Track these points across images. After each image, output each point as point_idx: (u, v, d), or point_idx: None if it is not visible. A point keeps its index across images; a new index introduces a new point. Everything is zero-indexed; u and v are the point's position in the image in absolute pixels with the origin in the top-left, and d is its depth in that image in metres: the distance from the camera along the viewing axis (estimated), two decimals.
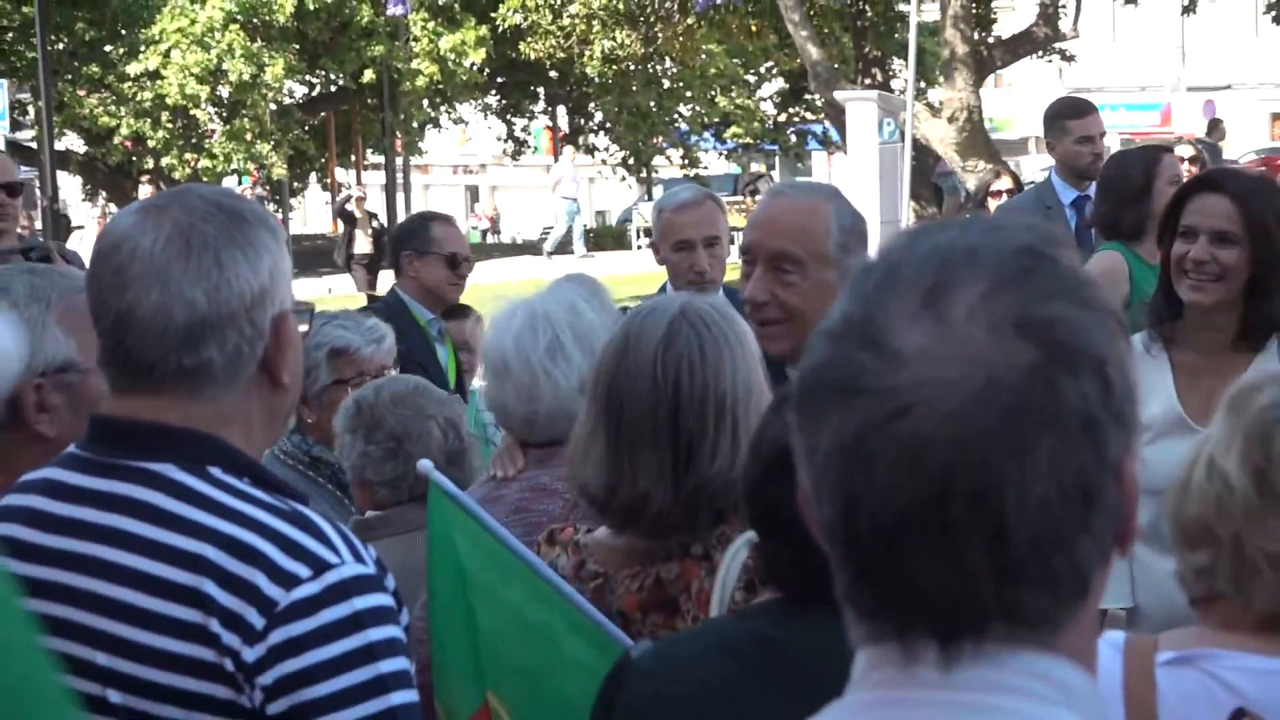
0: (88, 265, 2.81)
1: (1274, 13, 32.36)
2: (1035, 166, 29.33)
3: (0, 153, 8.16)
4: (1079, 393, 1.47)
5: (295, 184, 49.11)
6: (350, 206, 29.22)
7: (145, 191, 29.43)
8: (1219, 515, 2.41)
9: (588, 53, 31.32)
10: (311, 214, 65.09)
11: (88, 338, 3.09)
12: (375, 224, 29.44)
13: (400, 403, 4.49)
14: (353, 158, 50.52)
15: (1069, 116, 9.14)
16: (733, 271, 6.35)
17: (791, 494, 2.95)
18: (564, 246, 41.26)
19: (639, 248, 41.00)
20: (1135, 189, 7.09)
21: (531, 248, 43.48)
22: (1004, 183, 12.18)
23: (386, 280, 27.94)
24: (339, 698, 2.48)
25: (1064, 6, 30.22)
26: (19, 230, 9.04)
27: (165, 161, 38.91)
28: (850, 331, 1.53)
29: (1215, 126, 33.18)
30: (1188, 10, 34.46)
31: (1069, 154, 9.04)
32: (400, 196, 46.35)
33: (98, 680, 2.53)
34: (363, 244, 27.99)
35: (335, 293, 29.60)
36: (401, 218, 43.86)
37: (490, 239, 57.85)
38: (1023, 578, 1.48)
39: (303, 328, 3.07)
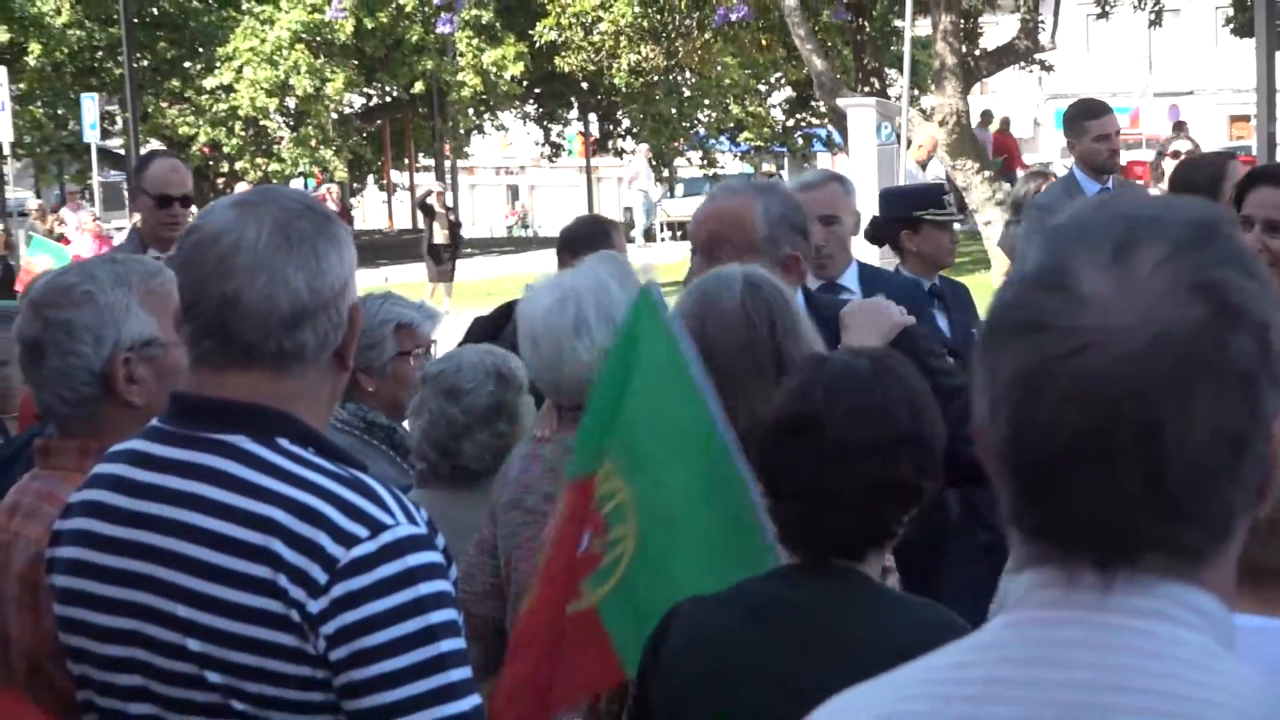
0: (179, 255, 2.74)
1: (1231, 25, 32.12)
2: (921, 172, 29.05)
3: (180, 162, 7.88)
4: (1240, 350, 1.45)
5: (355, 185, 48.96)
6: (431, 200, 28.94)
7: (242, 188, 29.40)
8: None
9: (615, 65, 31.03)
10: (370, 212, 64.62)
11: (166, 317, 3.09)
12: (452, 217, 29.15)
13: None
14: (406, 161, 50.26)
15: (1087, 118, 9.02)
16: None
17: (801, 456, 2.99)
18: (649, 235, 41.08)
19: (663, 240, 40.81)
20: (1201, 193, 6.85)
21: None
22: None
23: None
24: (393, 645, 2.45)
25: (1042, 21, 29.93)
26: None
27: (239, 166, 38.71)
28: (1042, 276, 1.52)
29: (1179, 128, 32.77)
30: (1154, 24, 34.08)
31: (1088, 151, 8.94)
32: (449, 195, 46.22)
33: (178, 630, 2.52)
34: (439, 235, 27.75)
35: (391, 281, 29.48)
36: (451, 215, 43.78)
37: (517, 232, 57.57)
38: (1177, 513, 1.47)
39: None
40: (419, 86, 41.11)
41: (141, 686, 2.62)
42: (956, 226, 8.09)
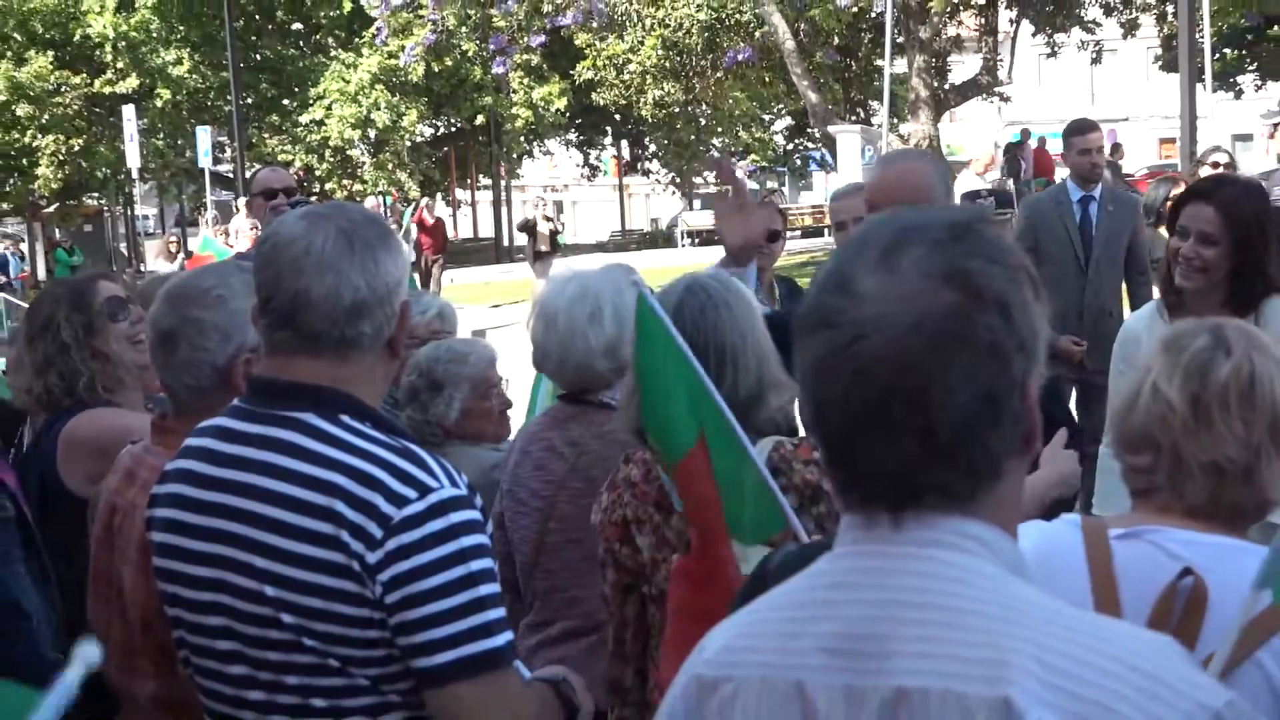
0: (257, 258, 2.72)
1: (1160, 63, 32.00)
2: (980, 182, 29.01)
3: (280, 167, 8.02)
4: (987, 326, 1.51)
5: (427, 202, 49.21)
6: (534, 217, 28.90)
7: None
8: (1161, 429, 2.37)
9: (643, 100, 30.99)
10: None
11: None
12: (554, 227, 29.07)
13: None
14: (468, 181, 50.43)
15: (1073, 134, 8.97)
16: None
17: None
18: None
19: (683, 246, 40.87)
20: None
21: (600, 246, 43.30)
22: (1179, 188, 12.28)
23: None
24: (440, 590, 2.45)
25: (1001, 60, 29.92)
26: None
27: (328, 187, 38.94)
28: (829, 281, 1.59)
29: (1116, 149, 32.69)
30: (1095, 61, 34.03)
31: (1075, 163, 8.87)
32: (504, 210, 46.31)
33: (257, 579, 2.53)
34: (543, 244, 27.69)
35: (455, 283, 29.55)
36: (505, 226, 43.78)
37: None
38: (947, 462, 1.53)
39: None
40: (479, 119, 41.33)
41: (226, 626, 2.62)
42: None
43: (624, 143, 50.29)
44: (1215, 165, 10.16)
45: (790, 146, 44.48)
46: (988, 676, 1.47)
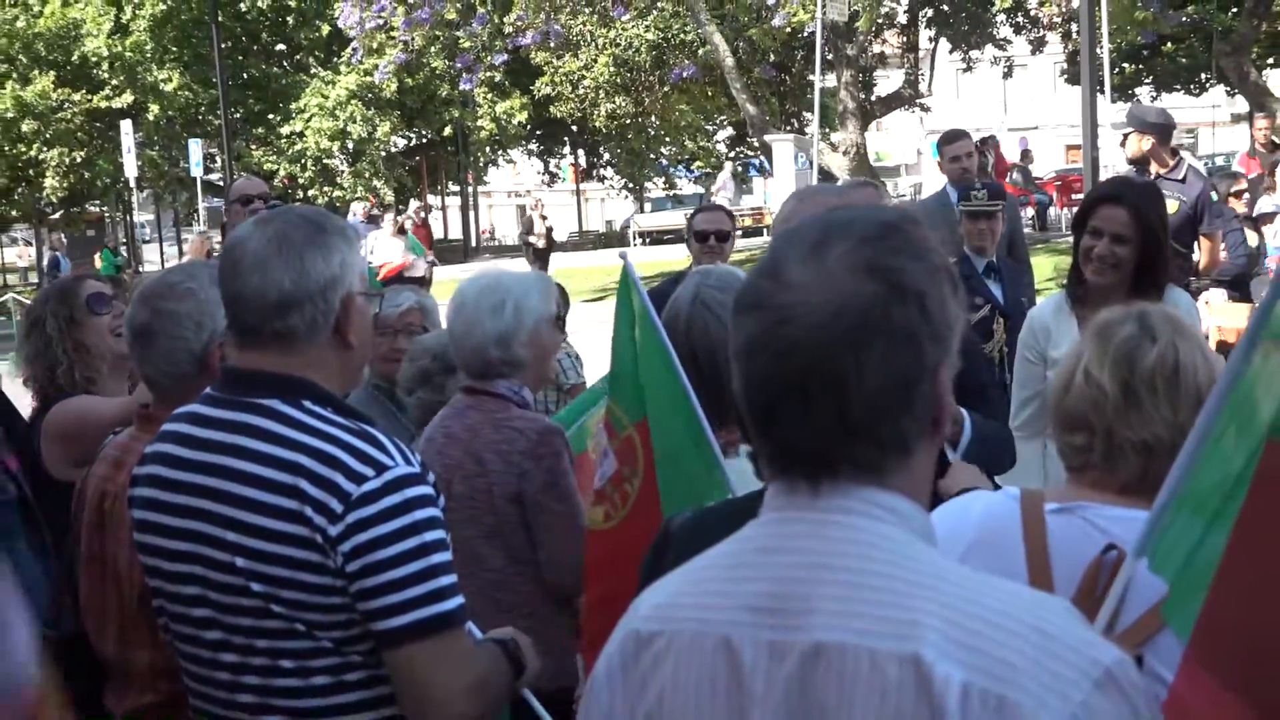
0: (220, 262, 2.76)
1: (1065, 76, 32.20)
2: (905, 184, 29.12)
3: (254, 175, 8.08)
4: (904, 316, 1.51)
5: (400, 206, 49.02)
6: (533, 214, 28.86)
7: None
8: (1095, 411, 2.35)
9: (596, 113, 31.03)
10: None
11: None
12: (547, 225, 29.05)
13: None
14: (439, 187, 50.31)
15: (945, 144, 9.02)
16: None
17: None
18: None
19: (636, 245, 40.92)
20: None
21: (559, 246, 43.31)
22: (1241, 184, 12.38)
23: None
24: (395, 559, 2.45)
25: (922, 74, 30.10)
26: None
27: (310, 194, 38.77)
28: (763, 268, 1.59)
29: (1025, 155, 33.00)
30: (1006, 75, 34.22)
31: (949, 170, 8.92)
32: (471, 214, 46.28)
33: (228, 551, 2.53)
34: (539, 241, 27.60)
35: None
36: (473, 229, 43.71)
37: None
38: (861, 438, 1.53)
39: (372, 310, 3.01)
40: (447, 130, 41.33)
41: (200, 595, 2.61)
42: None
43: (580, 151, 50.32)
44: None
45: (731, 154, 44.51)
46: (899, 634, 1.47)
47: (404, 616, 2.46)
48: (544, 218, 28.97)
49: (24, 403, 4.55)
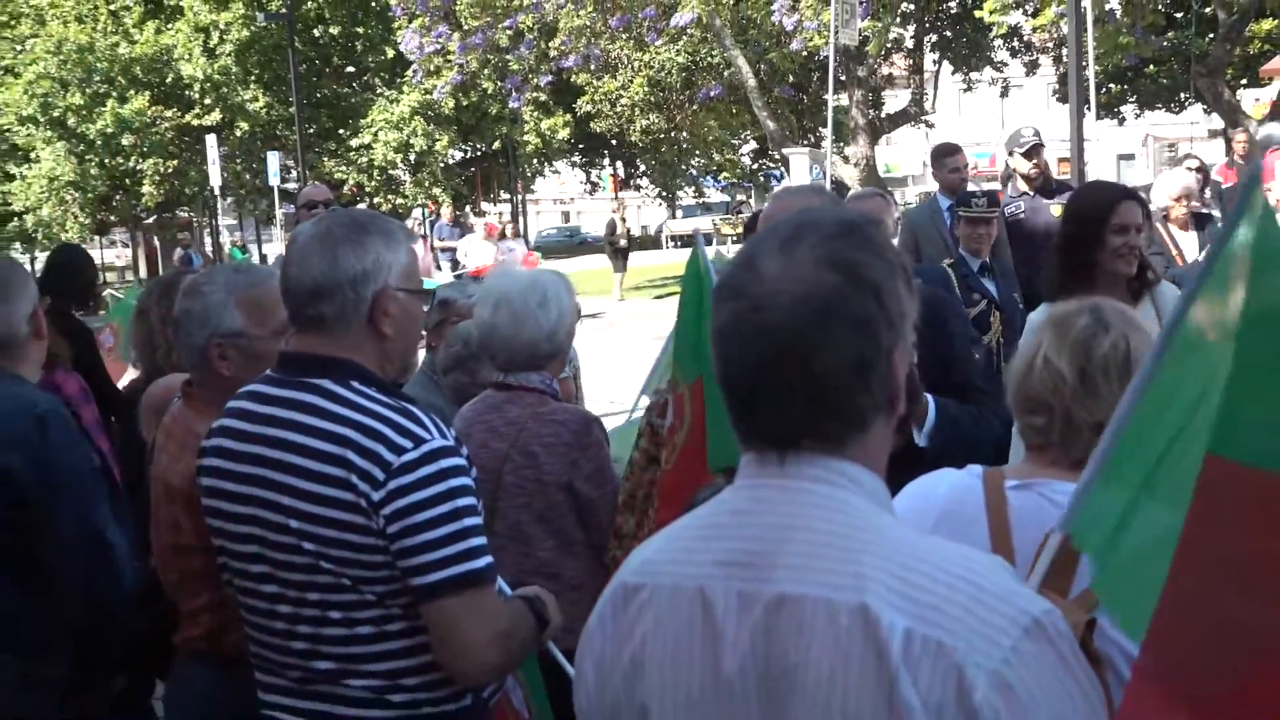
0: None
1: (1057, 95, 31.91)
2: (911, 194, 28.84)
3: (320, 183, 8.23)
4: (862, 305, 1.52)
5: (457, 213, 49.15)
6: (614, 216, 28.79)
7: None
8: (1053, 395, 2.33)
9: (633, 128, 30.92)
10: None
11: (260, 315, 3.13)
12: (627, 228, 28.88)
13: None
14: (491, 196, 50.29)
15: (945, 156, 8.89)
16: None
17: None
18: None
19: (668, 248, 40.88)
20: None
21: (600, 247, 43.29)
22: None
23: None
24: (431, 522, 2.47)
25: (927, 94, 29.90)
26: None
27: (376, 201, 38.81)
28: (740, 260, 1.60)
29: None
30: (1004, 95, 34.05)
31: (946, 179, 8.78)
32: (521, 219, 46.24)
33: (283, 514, 2.55)
34: (622, 243, 27.51)
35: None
36: (523, 232, 43.73)
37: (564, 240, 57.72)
38: (824, 413, 1.54)
39: (425, 307, 2.98)
40: (498, 144, 41.23)
41: (258, 553, 2.64)
42: None
43: (619, 163, 50.10)
44: (1190, 168, 9.94)
45: (755, 166, 44.24)
46: (850, 586, 1.49)
47: (438, 573, 2.48)
48: (624, 220, 28.93)
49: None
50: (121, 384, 6.21)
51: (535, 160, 43.59)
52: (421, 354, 4.89)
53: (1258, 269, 1.69)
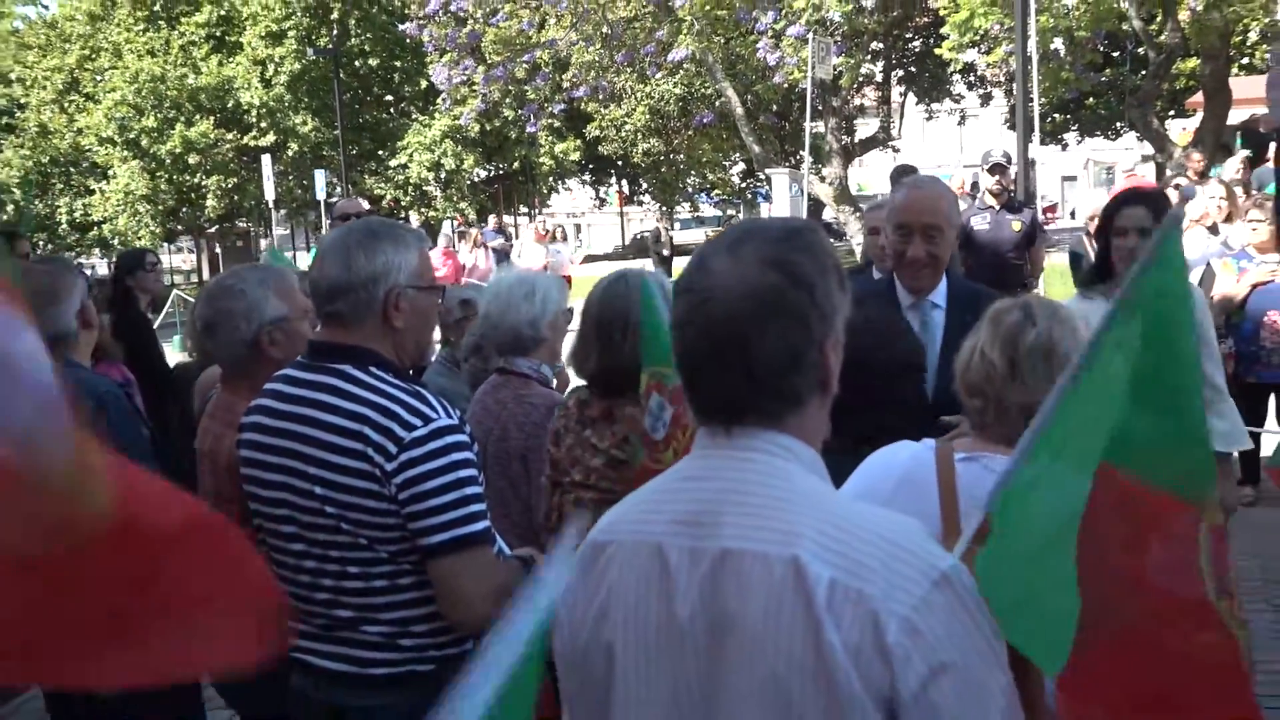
0: None
1: (1008, 123, 31.84)
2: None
3: (357, 198, 8.06)
4: (797, 299, 1.53)
5: (480, 223, 49.13)
6: (658, 226, 28.46)
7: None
8: (987, 382, 2.32)
9: (635, 151, 31.00)
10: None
11: (291, 299, 3.21)
12: (670, 235, 28.39)
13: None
14: (511, 209, 50.27)
15: (900, 176, 8.85)
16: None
17: None
18: None
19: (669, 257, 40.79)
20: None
21: (607, 256, 43.21)
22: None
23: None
24: (436, 490, 2.48)
25: (894, 122, 29.84)
26: None
27: (410, 214, 38.79)
28: (694, 261, 1.61)
29: (975, 186, 32.62)
30: (960, 123, 33.95)
31: None
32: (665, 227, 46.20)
33: (309, 481, 2.56)
34: (665, 250, 27.23)
35: None
36: (567, 238, 43.67)
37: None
38: (762, 391, 1.55)
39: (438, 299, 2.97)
40: (517, 164, 41.11)
41: (288, 515, 2.65)
42: None
43: (624, 181, 50.06)
44: (1176, 188, 9.95)
45: (743, 184, 44.15)
46: (784, 542, 1.50)
47: (442, 535, 2.49)
48: (668, 229, 28.61)
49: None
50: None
51: (550, 178, 43.52)
52: (438, 347, 4.90)
53: (1157, 299, 1.69)
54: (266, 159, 30.43)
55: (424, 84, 37.20)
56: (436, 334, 3.28)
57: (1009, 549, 1.70)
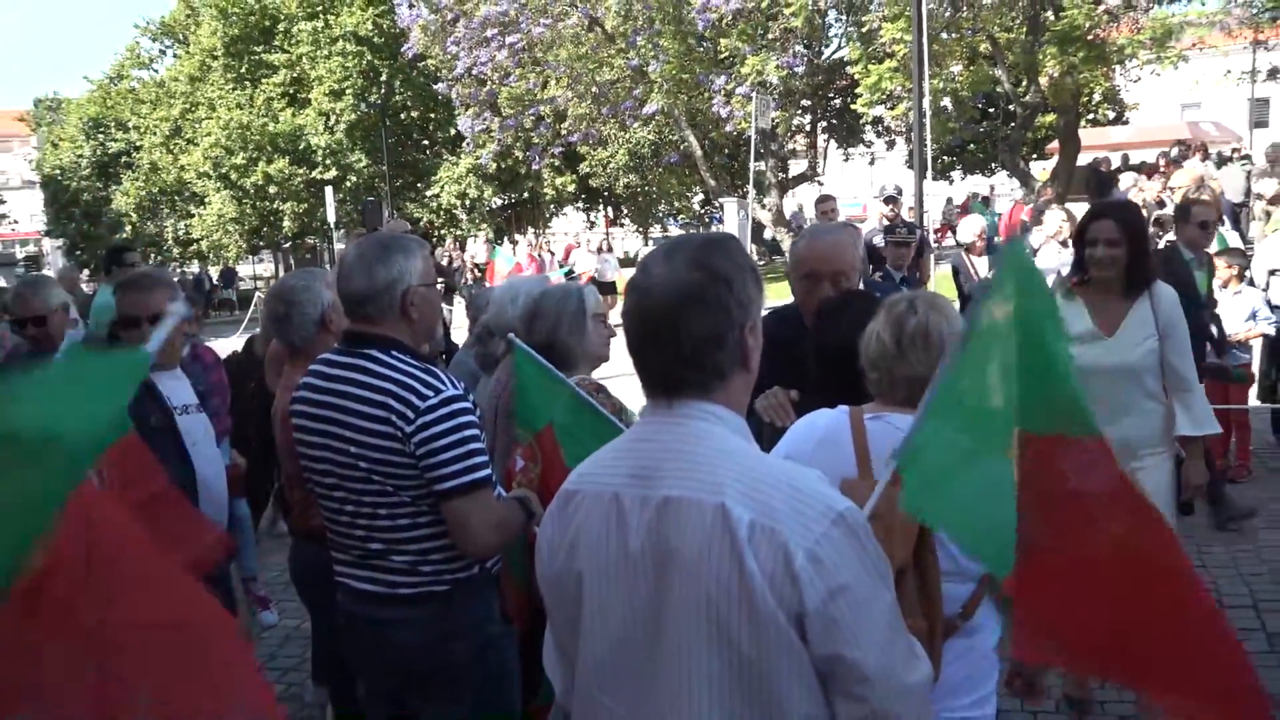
0: None
1: (908, 163, 31.83)
2: None
3: (400, 218, 7.73)
4: (718, 292, 1.51)
5: (498, 244, 49.01)
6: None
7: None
8: (880, 358, 2.28)
9: (618, 184, 30.93)
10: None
11: (333, 289, 3.16)
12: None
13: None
14: (521, 231, 50.02)
15: (820, 203, 9.29)
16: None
17: None
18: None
19: None
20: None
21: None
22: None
23: None
24: (446, 446, 2.44)
25: (819, 163, 29.80)
26: None
27: (443, 233, 38.56)
28: (641, 264, 1.58)
29: (895, 208, 32.54)
30: (871, 163, 33.95)
31: (820, 216, 9.06)
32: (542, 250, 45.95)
33: (345, 443, 2.53)
34: None
35: None
36: (548, 260, 43.57)
37: (564, 271, 57.17)
38: (692, 367, 1.52)
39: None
40: (526, 194, 40.83)
41: (329, 470, 2.61)
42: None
43: (609, 208, 49.85)
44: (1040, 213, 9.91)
45: (702, 211, 44.00)
46: (713, 490, 1.48)
47: (452, 481, 2.46)
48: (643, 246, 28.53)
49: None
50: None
51: (551, 205, 43.29)
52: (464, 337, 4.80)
53: (1019, 288, 1.71)
54: (329, 190, 30.23)
55: (453, 131, 36.83)
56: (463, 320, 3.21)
57: (927, 483, 1.67)
